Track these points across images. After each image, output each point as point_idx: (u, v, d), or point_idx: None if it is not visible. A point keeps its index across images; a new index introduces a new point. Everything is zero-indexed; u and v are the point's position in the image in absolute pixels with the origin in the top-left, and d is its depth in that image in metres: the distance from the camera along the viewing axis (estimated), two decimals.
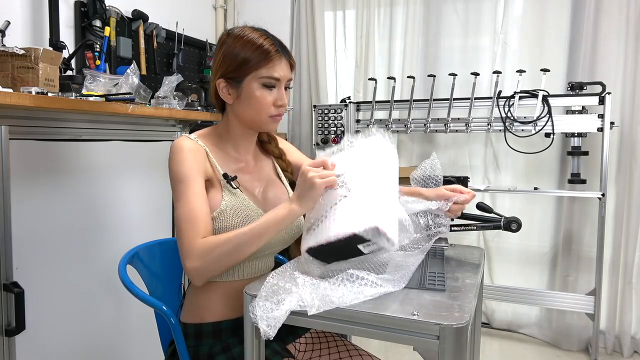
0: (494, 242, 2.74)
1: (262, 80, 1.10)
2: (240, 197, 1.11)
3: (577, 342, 2.53)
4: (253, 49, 1.09)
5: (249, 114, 1.14)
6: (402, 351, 2.42)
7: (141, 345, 1.96)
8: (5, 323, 1.36)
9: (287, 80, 1.15)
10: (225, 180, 1.10)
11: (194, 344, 1.11)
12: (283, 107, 1.14)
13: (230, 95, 1.13)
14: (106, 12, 2.05)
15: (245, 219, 1.09)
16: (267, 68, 1.10)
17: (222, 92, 1.14)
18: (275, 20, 3.10)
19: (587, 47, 2.44)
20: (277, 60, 1.11)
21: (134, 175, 1.98)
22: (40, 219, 1.59)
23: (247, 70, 1.10)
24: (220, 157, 1.15)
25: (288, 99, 1.19)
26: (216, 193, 1.10)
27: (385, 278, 0.94)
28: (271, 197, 1.20)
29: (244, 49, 1.10)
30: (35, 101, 1.31)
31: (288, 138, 3.10)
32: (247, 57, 1.09)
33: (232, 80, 1.12)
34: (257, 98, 1.11)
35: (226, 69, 1.12)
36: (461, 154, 2.78)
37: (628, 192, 2.43)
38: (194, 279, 1.01)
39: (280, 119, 1.16)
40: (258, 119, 1.14)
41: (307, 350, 1.22)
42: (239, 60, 1.10)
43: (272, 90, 1.12)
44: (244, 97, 1.12)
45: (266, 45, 1.10)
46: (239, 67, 1.10)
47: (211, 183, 1.11)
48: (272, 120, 1.15)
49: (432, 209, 1.15)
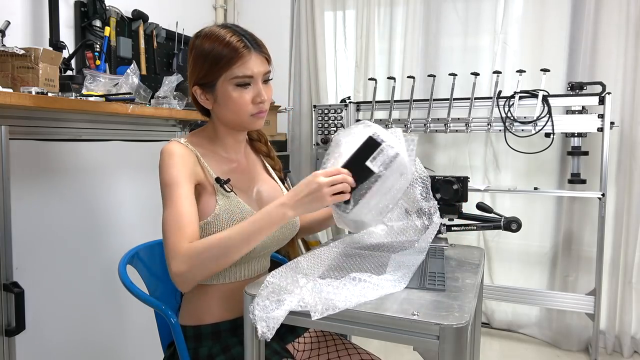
0: (494, 242, 2.74)
1: (235, 81, 1.06)
2: (234, 201, 1.09)
3: (577, 342, 2.53)
4: (219, 49, 1.04)
5: (229, 116, 1.11)
6: (402, 351, 2.42)
7: (141, 346, 1.95)
8: (5, 323, 1.36)
9: (264, 74, 1.09)
10: (219, 184, 1.09)
11: (194, 345, 1.10)
12: (263, 102, 1.09)
13: (208, 100, 1.11)
14: (106, 12, 2.05)
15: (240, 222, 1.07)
16: (238, 67, 1.05)
17: (201, 99, 1.11)
18: (275, 20, 3.10)
19: (587, 47, 2.44)
20: (246, 57, 1.05)
21: (134, 175, 1.98)
22: (40, 219, 1.59)
23: (218, 72, 1.05)
24: (212, 159, 1.13)
25: (270, 93, 1.13)
26: (210, 198, 1.09)
27: (386, 278, 0.94)
28: (265, 196, 1.19)
29: (211, 51, 1.05)
30: (35, 101, 1.31)
31: (288, 138, 3.10)
32: (215, 59, 1.05)
33: (205, 86, 1.09)
34: (234, 99, 1.07)
35: (198, 75, 1.08)
36: (461, 154, 2.78)
37: (628, 192, 2.43)
38: (179, 284, 0.97)
39: (264, 115, 1.12)
40: (239, 119, 1.11)
41: (307, 350, 1.22)
42: (208, 65, 1.06)
43: (248, 88, 1.07)
44: (221, 100, 1.08)
45: (232, 44, 1.04)
46: (209, 72, 1.06)
47: (204, 187, 1.09)
48: (256, 118, 1.11)
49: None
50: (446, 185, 1.34)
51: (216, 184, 1.09)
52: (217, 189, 1.09)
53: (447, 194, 1.34)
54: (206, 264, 0.96)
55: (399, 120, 2.66)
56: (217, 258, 0.96)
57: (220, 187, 1.09)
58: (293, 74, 3.11)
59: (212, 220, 1.07)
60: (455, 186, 1.33)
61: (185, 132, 2.21)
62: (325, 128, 2.77)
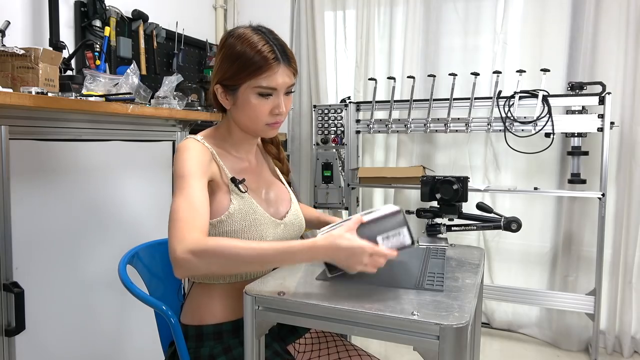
0: (494, 242, 2.74)
1: (257, 90, 1.07)
2: (248, 201, 1.10)
3: (577, 342, 2.53)
4: (250, 55, 1.05)
5: (245, 122, 1.12)
6: (402, 351, 2.42)
7: (141, 346, 1.96)
8: (5, 323, 1.36)
9: (287, 87, 1.10)
10: (234, 184, 1.09)
11: (195, 345, 1.10)
12: (281, 115, 1.10)
13: (227, 100, 1.12)
14: (106, 12, 2.05)
15: (252, 223, 1.09)
16: (263, 78, 1.05)
17: (220, 97, 1.12)
18: (275, 20, 3.09)
19: (587, 47, 2.44)
20: (275, 69, 1.06)
21: (133, 176, 1.98)
22: (40, 219, 1.59)
23: (243, 79, 1.06)
24: (226, 158, 1.14)
25: (290, 105, 1.14)
26: (224, 196, 1.09)
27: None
28: (273, 198, 1.20)
29: (241, 55, 1.05)
30: (35, 101, 1.31)
31: (288, 138, 3.10)
32: (243, 65, 1.05)
33: (227, 88, 1.10)
34: (253, 106, 1.08)
35: (222, 76, 1.09)
36: (461, 154, 2.78)
37: (628, 192, 2.43)
38: (177, 269, 0.92)
39: (279, 125, 1.14)
40: (254, 127, 1.12)
41: (307, 351, 1.22)
42: (235, 68, 1.07)
43: (269, 99, 1.08)
44: (240, 104, 1.10)
45: (263, 54, 1.05)
46: (235, 75, 1.07)
47: (218, 185, 1.10)
48: (270, 128, 1.12)
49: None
50: (446, 185, 1.34)
51: (231, 184, 1.10)
52: (232, 188, 1.10)
53: (447, 194, 1.35)
54: (209, 264, 0.93)
55: (399, 120, 2.66)
56: (223, 263, 0.94)
57: (235, 187, 1.09)
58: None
59: (225, 219, 1.07)
60: (455, 186, 1.33)
61: (185, 132, 2.21)
62: (325, 128, 2.77)
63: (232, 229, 1.07)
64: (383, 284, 0.97)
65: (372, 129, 2.71)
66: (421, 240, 1.37)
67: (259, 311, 0.92)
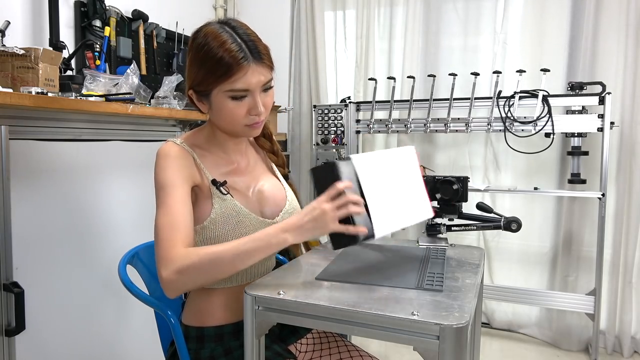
0: (494, 242, 2.74)
1: (229, 94, 1.01)
2: (230, 203, 1.07)
3: (577, 342, 2.53)
4: (216, 58, 0.98)
5: (223, 125, 1.09)
6: (402, 351, 2.42)
7: (141, 346, 1.96)
8: (5, 323, 1.36)
9: (263, 85, 1.03)
10: (215, 187, 1.06)
11: (195, 347, 1.10)
12: (259, 115, 1.04)
13: (204, 104, 1.08)
14: (106, 12, 2.05)
15: (236, 226, 1.06)
16: (233, 81, 0.99)
17: (196, 102, 1.09)
18: (275, 20, 3.10)
19: (587, 47, 2.44)
20: (244, 70, 0.99)
21: (134, 175, 1.98)
22: (40, 218, 1.59)
23: (212, 84, 1.01)
24: (210, 161, 1.11)
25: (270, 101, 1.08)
26: (206, 201, 1.07)
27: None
28: (267, 194, 1.16)
29: (207, 59, 0.99)
30: (35, 101, 1.31)
31: (288, 138, 3.10)
32: (210, 71, 1.00)
33: (200, 93, 1.06)
34: (229, 110, 1.03)
35: (193, 81, 1.05)
36: (461, 154, 2.78)
37: (628, 192, 2.43)
38: (167, 291, 0.94)
39: (260, 125, 1.09)
40: (234, 129, 1.08)
41: (308, 351, 1.22)
42: (203, 73, 1.01)
43: (244, 100, 1.02)
44: (215, 109, 1.05)
45: (231, 54, 0.98)
46: (204, 81, 1.02)
47: (200, 190, 1.07)
48: (250, 129, 1.08)
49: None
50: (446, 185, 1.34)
51: (212, 186, 1.07)
52: (214, 191, 1.07)
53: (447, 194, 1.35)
54: (196, 277, 0.94)
55: (399, 120, 2.66)
56: (208, 272, 0.94)
57: (216, 190, 1.06)
58: (293, 74, 3.11)
59: (208, 224, 1.06)
60: (455, 186, 1.33)
61: (185, 132, 2.21)
62: (325, 128, 2.77)
63: (216, 234, 1.05)
64: (383, 284, 0.97)
65: (372, 129, 2.71)
66: (421, 240, 1.37)
67: (259, 311, 0.92)
